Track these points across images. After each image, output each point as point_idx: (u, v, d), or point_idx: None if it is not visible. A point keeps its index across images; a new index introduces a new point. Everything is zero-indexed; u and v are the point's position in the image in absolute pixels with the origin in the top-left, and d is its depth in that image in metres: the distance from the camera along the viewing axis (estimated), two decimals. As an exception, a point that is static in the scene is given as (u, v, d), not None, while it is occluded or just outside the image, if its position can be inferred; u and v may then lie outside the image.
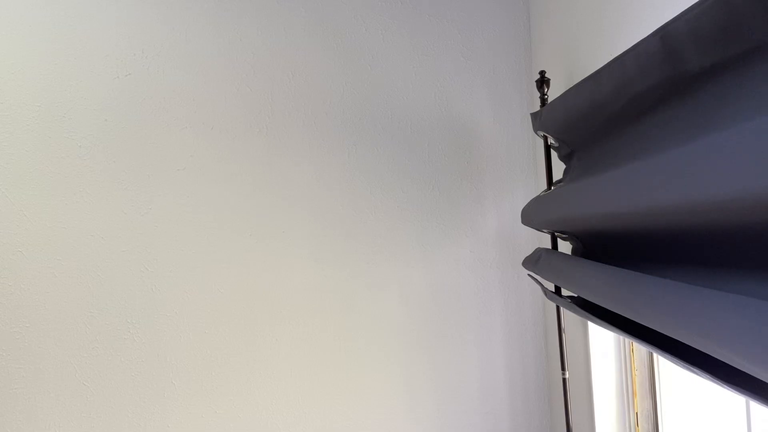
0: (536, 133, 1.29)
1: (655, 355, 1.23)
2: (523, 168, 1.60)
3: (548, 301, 1.44)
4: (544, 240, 1.48)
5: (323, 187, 1.51)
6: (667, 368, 1.21)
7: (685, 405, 1.18)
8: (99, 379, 1.39)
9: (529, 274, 1.37)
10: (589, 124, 0.96)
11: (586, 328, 1.32)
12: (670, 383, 1.21)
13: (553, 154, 1.27)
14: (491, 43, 1.60)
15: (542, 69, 1.51)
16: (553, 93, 1.37)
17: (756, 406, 0.92)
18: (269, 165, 1.48)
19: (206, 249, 1.45)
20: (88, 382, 1.38)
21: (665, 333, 0.62)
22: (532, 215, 1.21)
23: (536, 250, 1.28)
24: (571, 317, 1.37)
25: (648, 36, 0.70)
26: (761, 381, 0.57)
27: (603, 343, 1.30)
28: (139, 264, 1.42)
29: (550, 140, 1.23)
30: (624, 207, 0.69)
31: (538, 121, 1.22)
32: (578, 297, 1.10)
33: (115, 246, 1.41)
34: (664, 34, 0.67)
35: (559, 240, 1.25)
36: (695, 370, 0.66)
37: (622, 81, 0.79)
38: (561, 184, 1.20)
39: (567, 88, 1.09)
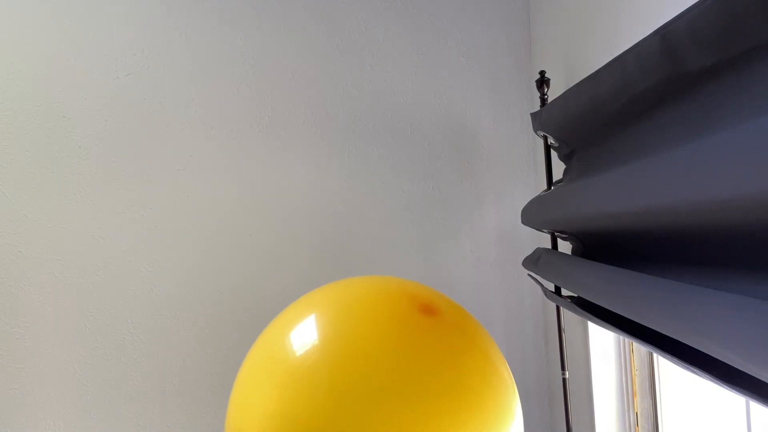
0: (536, 133, 1.29)
1: (655, 355, 1.23)
2: (523, 168, 1.60)
3: (548, 301, 1.44)
4: (544, 240, 1.48)
5: (323, 186, 1.51)
6: (667, 368, 1.21)
7: (685, 405, 1.18)
8: (99, 379, 1.39)
9: (529, 274, 1.37)
10: (589, 124, 0.96)
11: (586, 328, 1.32)
12: (670, 383, 1.21)
13: (553, 154, 1.27)
14: (491, 43, 1.60)
15: (542, 69, 1.51)
16: (553, 93, 1.37)
17: (756, 406, 0.92)
18: (269, 165, 1.48)
19: (206, 249, 1.45)
20: (88, 382, 1.38)
21: (665, 333, 0.62)
22: (532, 215, 1.21)
23: (536, 250, 1.28)
24: (571, 317, 1.37)
25: (648, 36, 0.70)
26: (761, 381, 0.57)
27: (603, 343, 1.30)
28: (139, 264, 1.42)
29: (550, 140, 1.23)
30: (624, 207, 0.69)
31: (538, 121, 1.22)
32: (578, 297, 1.10)
33: (115, 246, 1.41)
34: (664, 33, 0.67)
35: (559, 240, 1.25)
36: (695, 370, 0.66)
37: (622, 81, 0.79)
38: (561, 184, 1.20)
39: (567, 88, 1.09)
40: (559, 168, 1.25)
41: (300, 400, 0.73)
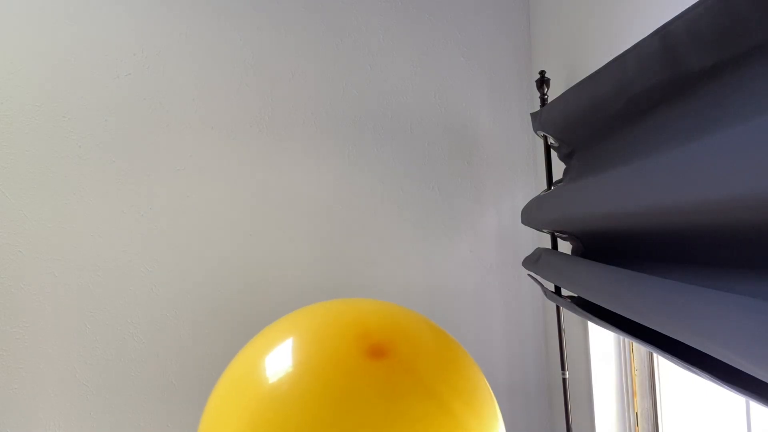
0: (536, 133, 1.29)
1: (655, 355, 1.23)
2: (523, 168, 1.60)
3: (548, 301, 1.44)
4: (544, 240, 1.48)
5: (323, 186, 1.51)
6: (667, 368, 1.21)
7: (685, 405, 1.18)
8: (99, 379, 1.39)
9: (529, 274, 1.37)
10: (589, 124, 0.96)
11: (586, 328, 1.32)
12: (670, 383, 1.21)
13: (553, 154, 1.27)
14: (491, 43, 1.60)
15: (542, 69, 1.51)
16: (553, 93, 1.37)
17: (756, 406, 0.92)
18: (269, 165, 1.48)
19: (206, 249, 1.45)
20: (88, 382, 1.38)
21: (665, 333, 0.62)
22: (532, 215, 1.21)
23: (536, 250, 1.28)
24: (571, 317, 1.37)
25: (648, 36, 0.70)
26: (761, 381, 0.57)
27: (603, 343, 1.30)
28: (139, 264, 1.42)
29: (550, 140, 1.23)
30: (624, 207, 0.69)
31: (538, 121, 1.22)
32: (578, 297, 1.10)
33: (115, 246, 1.41)
34: (664, 33, 0.67)
35: (559, 240, 1.25)
36: (695, 370, 0.66)
37: (622, 81, 0.79)
38: (561, 184, 1.20)
39: (567, 88, 1.09)
40: (559, 168, 1.25)
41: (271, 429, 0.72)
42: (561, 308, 1.30)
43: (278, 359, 0.82)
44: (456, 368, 0.86)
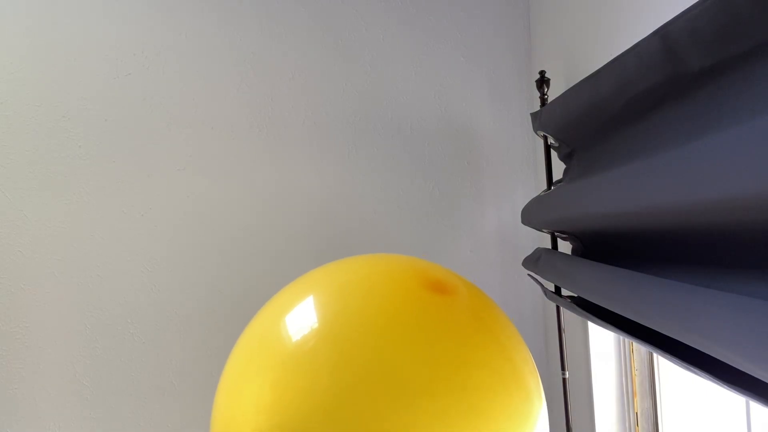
0: (536, 133, 1.29)
1: (655, 355, 1.23)
2: (523, 168, 1.60)
3: (548, 301, 1.44)
4: (544, 240, 1.48)
5: (323, 187, 1.51)
6: (667, 368, 1.21)
7: (685, 405, 1.18)
8: (99, 379, 1.39)
9: (529, 274, 1.37)
10: (589, 124, 0.96)
11: (586, 328, 1.32)
12: (670, 383, 1.21)
13: (553, 154, 1.27)
14: (491, 43, 1.60)
15: (542, 69, 1.51)
16: (553, 93, 1.37)
17: (756, 406, 0.92)
18: (269, 165, 1.48)
19: (206, 248, 1.45)
20: (88, 382, 1.38)
21: (665, 333, 0.62)
22: (532, 215, 1.21)
23: (536, 250, 1.28)
24: (571, 317, 1.37)
25: (648, 36, 0.70)
26: (761, 381, 0.57)
27: (603, 343, 1.30)
28: (139, 264, 1.42)
29: (550, 140, 1.23)
30: (624, 207, 0.69)
31: (538, 121, 1.22)
32: (578, 297, 1.10)
33: (115, 246, 1.41)
34: (664, 33, 0.67)
35: (559, 240, 1.25)
36: (695, 370, 0.66)
37: (622, 81, 0.79)
38: (561, 184, 1.20)
39: (567, 88, 1.09)
40: (559, 168, 1.25)
41: (297, 391, 0.64)
42: (561, 308, 1.30)
43: (335, 297, 0.74)
44: (503, 317, 0.83)
